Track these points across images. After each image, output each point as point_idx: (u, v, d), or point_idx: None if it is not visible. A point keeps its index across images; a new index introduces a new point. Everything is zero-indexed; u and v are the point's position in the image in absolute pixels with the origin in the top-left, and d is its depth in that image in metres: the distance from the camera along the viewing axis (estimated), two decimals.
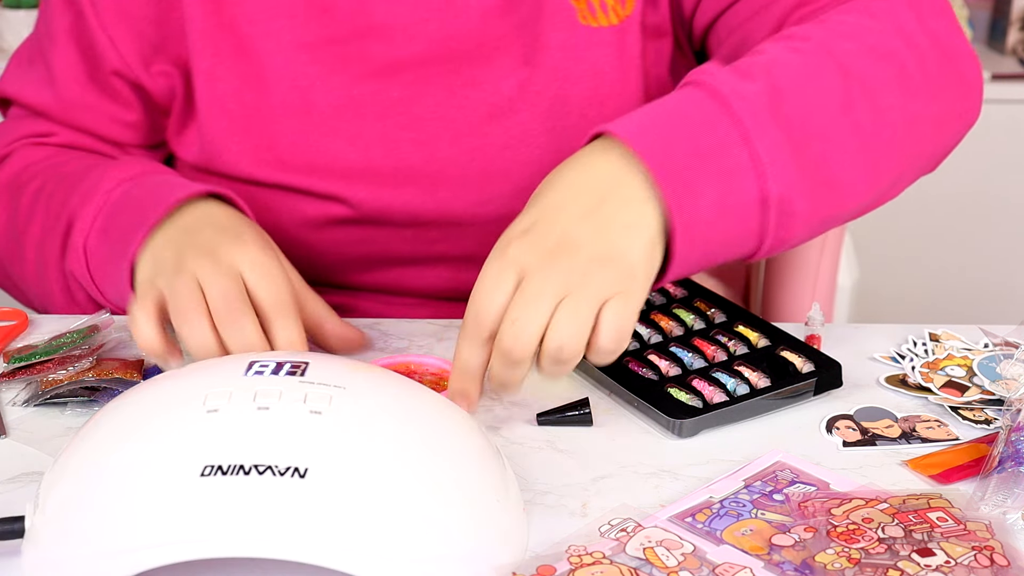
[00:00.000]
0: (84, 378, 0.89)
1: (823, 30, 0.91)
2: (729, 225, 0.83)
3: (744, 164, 0.82)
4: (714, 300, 0.99)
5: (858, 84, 0.87)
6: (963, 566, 0.70)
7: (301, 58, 1.04)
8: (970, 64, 0.95)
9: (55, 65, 1.09)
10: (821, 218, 0.87)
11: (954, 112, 0.95)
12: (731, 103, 0.83)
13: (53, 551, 0.68)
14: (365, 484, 0.68)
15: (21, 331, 0.99)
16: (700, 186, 0.81)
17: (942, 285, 2.51)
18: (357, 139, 1.05)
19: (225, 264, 0.87)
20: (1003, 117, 2.38)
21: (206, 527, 0.65)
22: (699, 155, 0.81)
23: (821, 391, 0.90)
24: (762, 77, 0.85)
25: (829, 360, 0.91)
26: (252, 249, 0.89)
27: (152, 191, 0.96)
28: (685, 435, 0.86)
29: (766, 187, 0.82)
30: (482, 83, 1.04)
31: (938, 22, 0.94)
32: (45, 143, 1.11)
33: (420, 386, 0.78)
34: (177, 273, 0.87)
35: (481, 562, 0.70)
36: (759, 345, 0.94)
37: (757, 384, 0.89)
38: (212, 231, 0.91)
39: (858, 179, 0.88)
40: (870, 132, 0.88)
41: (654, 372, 0.91)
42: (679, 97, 0.85)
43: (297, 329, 0.88)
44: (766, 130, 0.83)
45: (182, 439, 0.69)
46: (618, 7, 1.03)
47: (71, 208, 0.99)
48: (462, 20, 1.03)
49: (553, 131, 1.04)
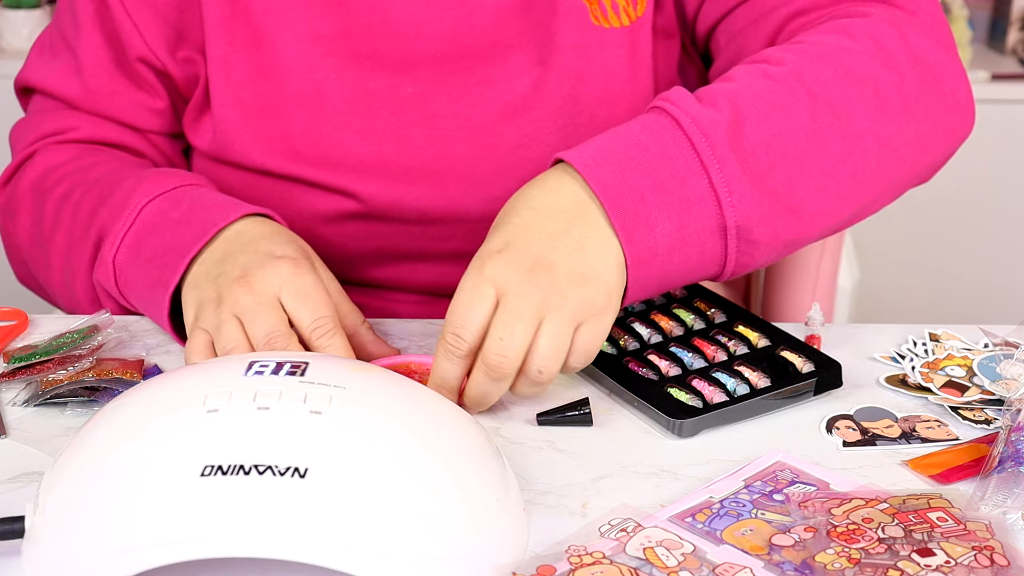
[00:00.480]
0: (84, 378, 0.89)
1: (797, 54, 0.91)
2: (688, 254, 0.85)
3: (703, 194, 0.84)
4: (714, 300, 0.99)
5: (828, 110, 0.88)
6: (963, 566, 0.70)
7: (316, 50, 1.04)
8: (957, 81, 0.95)
9: (81, 53, 1.09)
10: (785, 242, 0.88)
11: (938, 131, 0.95)
12: (691, 132, 0.85)
13: (53, 551, 0.68)
14: (365, 484, 0.68)
15: (21, 331, 0.99)
16: (656, 217, 0.83)
17: (942, 285, 2.51)
18: (370, 134, 1.05)
19: (261, 292, 0.87)
20: (1003, 117, 2.38)
21: (206, 527, 0.65)
22: (657, 186, 0.84)
23: (821, 391, 0.90)
24: (727, 105, 0.86)
25: (829, 360, 0.91)
26: (285, 269, 0.89)
27: (187, 216, 0.95)
28: (685, 435, 0.86)
29: (724, 216, 0.84)
30: (496, 81, 1.04)
31: (924, 41, 0.94)
32: (69, 141, 1.10)
33: (420, 386, 0.78)
34: (218, 313, 0.87)
35: (481, 562, 0.70)
36: (759, 345, 0.94)
37: (757, 384, 0.89)
38: (246, 255, 0.90)
39: (826, 204, 0.89)
40: (839, 157, 0.89)
41: (654, 372, 0.91)
42: (641, 124, 0.87)
43: (341, 345, 0.88)
44: (725, 160, 0.84)
45: (182, 439, 0.69)
46: (629, 9, 1.04)
47: (101, 221, 0.99)
48: (477, 18, 1.03)
49: (564, 130, 1.04)
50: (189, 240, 0.93)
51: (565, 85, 1.04)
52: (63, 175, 1.06)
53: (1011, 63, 2.49)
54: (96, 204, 1.01)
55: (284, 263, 0.89)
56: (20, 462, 0.82)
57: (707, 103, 0.86)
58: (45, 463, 0.75)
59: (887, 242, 2.42)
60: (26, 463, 0.82)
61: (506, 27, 1.04)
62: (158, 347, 0.97)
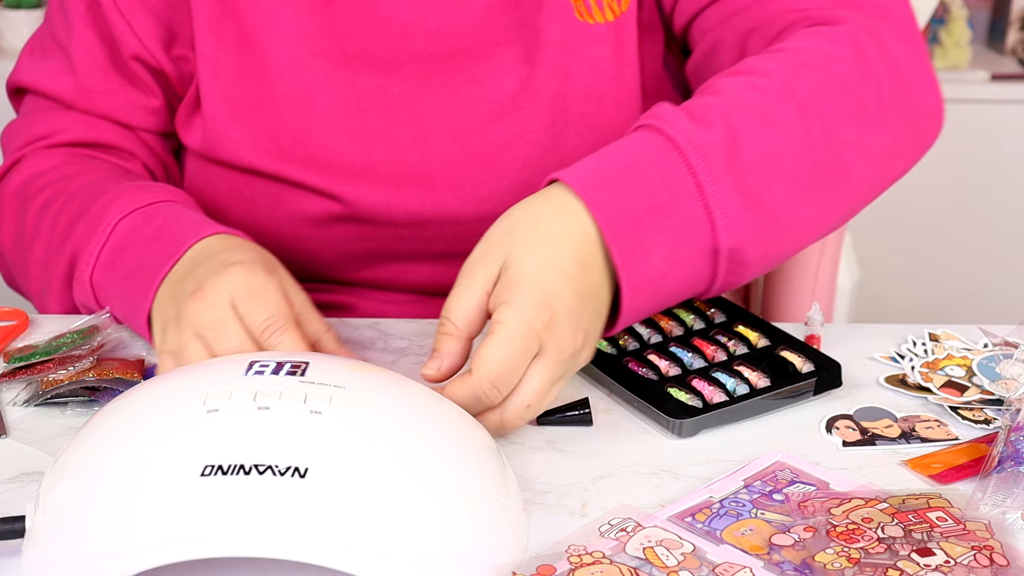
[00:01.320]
0: (84, 378, 0.89)
1: (783, 63, 0.91)
2: (679, 276, 0.84)
3: (698, 216, 0.83)
4: (714, 300, 0.99)
5: (817, 121, 0.88)
6: (962, 566, 0.71)
7: (304, 49, 1.04)
8: (929, 91, 0.95)
9: (75, 52, 1.09)
10: (774, 259, 0.89)
11: (909, 140, 0.95)
12: (688, 153, 0.84)
13: (53, 551, 0.68)
14: (365, 484, 0.68)
15: (21, 331, 0.99)
16: (652, 241, 0.82)
17: (942, 285, 2.51)
18: (358, 135, 1.05)
19: (214, 303, 0.85)
20: (1003, 117, 2.38)
21: (206, 527, 0.65)
22: (654, 209, 0.82)
23: (821, 391, 0.90)
24: (720, 124, 0.85)
25: (829, 360, 0.91)
26: (237, 274, 0.86)
27: (159, 233, 0.94)
28: (685, 435, 0.86)
29: (718, 239, 0.84)
30: (483, 80, 1.04)
31: (900, 47, 0.94)
32: (58, 145, 1.10)
33: (420, 386, 0.78)
34: (179, 334, 0.85)
35: (481, 562, 0.70)
36: (759, 345, 0.94)
37: (757, 384, 0.89)
38: (203, 268, 0.89)
39: (813, 218, 0.89)
40: (826, 170, 0.88)
41: (654, 372, 0.91)
42: (636, 144, 0.85)
43: (292, 340, 0.85)
44: (721, 182, 0.84)
45: (182, 439, 0.69)
46: (614, 4, 1.03)
47: (76, 238, 0.99)
48: (463, 16, 1.03)
49: (552, 127, 1.04)
50: (160, 259, 0.92)
51: (552, 82, 1.04)
52: (46, 183, 1.06)
53: (1011, 63, 2.49)
54: (73, 218, 1.00)
55: (235, 268, 0.87)
56: (20, 462, 0.82)
57: (700, 122, 0.85)
58: (45, 463, 0.75)
59: (887, 242, 2.42)
60: (26, 463, 0.82)
61: (492, 25, 1.04)
62: None
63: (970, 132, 2.37)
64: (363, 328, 1.01)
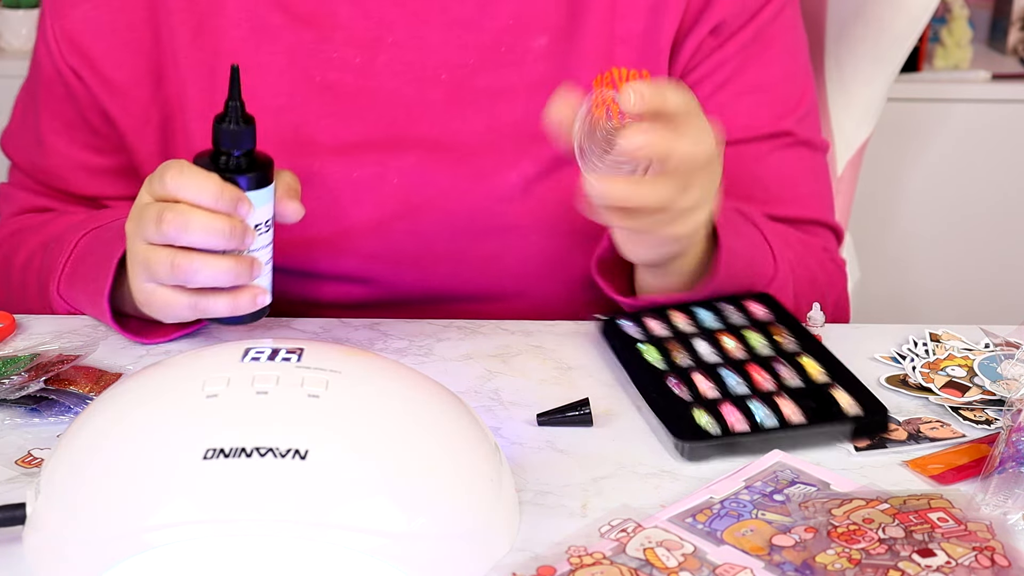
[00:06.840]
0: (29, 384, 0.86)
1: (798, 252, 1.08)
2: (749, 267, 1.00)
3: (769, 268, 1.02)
4: (792, 328, 0.95)
5: None
6: (964, 567, 0.70)
7: None
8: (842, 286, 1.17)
9: (43, 129, 1.09)
10: None
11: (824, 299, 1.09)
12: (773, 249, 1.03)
13: (55, 537, 0.69)
14: (364, 465, 0.69)
15: (8, 334, 0.97)
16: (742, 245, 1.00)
17: (942, 285, 2.51)
18: None
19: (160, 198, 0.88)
20: (1003, 117, 2.38)
21: (209, 509, 0.66)
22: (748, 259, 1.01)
23: (861, 436, 0.85)
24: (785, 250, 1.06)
25: (878, 405, 0.86)
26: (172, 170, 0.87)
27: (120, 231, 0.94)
28: (691, 458, 0.83)
29: None
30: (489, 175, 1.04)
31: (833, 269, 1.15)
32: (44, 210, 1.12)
33: (413, 370, 0.80)
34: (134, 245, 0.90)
35: (476, 541, 0.71)
36: (818, 380, 0.89)
37: (791, 419, 0.85)
38: None
39: None
40: None
41: (691, 392, 0.87)
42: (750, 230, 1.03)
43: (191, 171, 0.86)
44: None
45: (183, 423, 0.70)
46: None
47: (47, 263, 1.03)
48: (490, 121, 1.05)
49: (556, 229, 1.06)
50: (117, 243, 0.94)
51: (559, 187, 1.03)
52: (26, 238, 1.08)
53: (1011, 63, 2.48)
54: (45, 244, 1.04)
55: None
56: None
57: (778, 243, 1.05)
58: None
59: (887, 242, 2.42)
60: None
61: None
62: (150, 353, 0.97)
63: (971, 132, 2.36)
64: (362, 328, 1.01)
